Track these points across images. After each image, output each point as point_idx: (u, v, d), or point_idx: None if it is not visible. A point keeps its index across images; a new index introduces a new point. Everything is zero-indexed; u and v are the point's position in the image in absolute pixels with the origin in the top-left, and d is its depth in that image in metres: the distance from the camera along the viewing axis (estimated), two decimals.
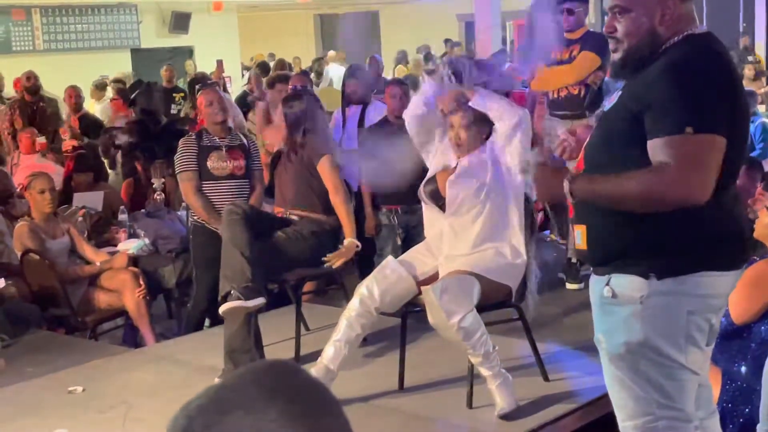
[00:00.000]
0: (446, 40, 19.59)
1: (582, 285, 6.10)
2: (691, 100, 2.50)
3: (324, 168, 5.23)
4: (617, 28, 2.68)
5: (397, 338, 4.61)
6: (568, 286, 6.14)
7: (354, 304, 4.31)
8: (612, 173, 2.58)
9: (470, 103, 4.19)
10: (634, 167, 2.57)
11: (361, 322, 4.28)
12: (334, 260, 5.11)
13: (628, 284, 2.63)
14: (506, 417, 4.03)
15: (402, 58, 18.56)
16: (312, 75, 16.38)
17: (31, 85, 10.25)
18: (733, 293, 3.60)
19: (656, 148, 2.50)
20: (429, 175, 4.46)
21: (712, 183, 2.49)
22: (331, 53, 19.60)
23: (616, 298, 2.64)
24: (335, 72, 17.66)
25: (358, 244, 5.18)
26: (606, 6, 2.80)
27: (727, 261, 2.67)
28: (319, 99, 5.70)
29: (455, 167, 4.37)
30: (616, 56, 2.74)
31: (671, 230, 2.57)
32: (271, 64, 16.11)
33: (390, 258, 4.44)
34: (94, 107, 12.92)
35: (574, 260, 6.22)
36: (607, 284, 2.67)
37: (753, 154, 8.73)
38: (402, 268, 4.32)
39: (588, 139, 2.81)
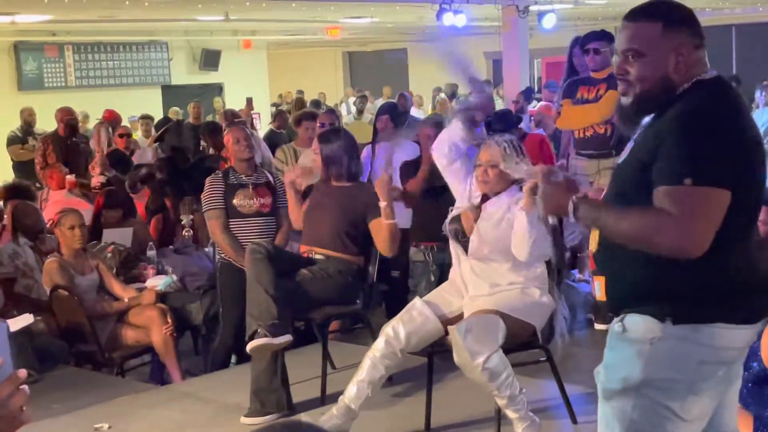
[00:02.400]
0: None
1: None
2: (692, 151, 2.45)
3: (381, 227, 5.00)
4: (629, 71, 2.63)
5: (423, 378, 4.59)
6: (597, 326, 6.09)
7: (379, 344, 4.28)
8: (617, 206, 2.56)
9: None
10: None
11: (386, 363, 4.26)
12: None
13: (641, 323, 2.56)
14: None
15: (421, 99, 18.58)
16: (354, 112, 16.57)
17: (72, 119, 10.38)
18: (765, 337, 3.54)
19: (657, 198, 2.47)
20: (454, 212, 4.44)
21: (709, 237, 2.43)
22: (347, 90, 19.77)
23: (626, 334, 2.57)
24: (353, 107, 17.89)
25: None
26: (618, 48, 2.68)
27: (747, 315, 2.58)
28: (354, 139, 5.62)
29: (479, 208, 4.34)
30: (625, 100, 2.68)
31: (694, 278, 2.51)
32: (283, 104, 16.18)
33: (417, 299, 4.41)
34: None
35: None
36: (621, 321, 2.61)
37: None
38: (428, 309, 4.29)
39: (604, 193, 2.78)
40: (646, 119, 2.69)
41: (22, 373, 1.67)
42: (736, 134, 2.51)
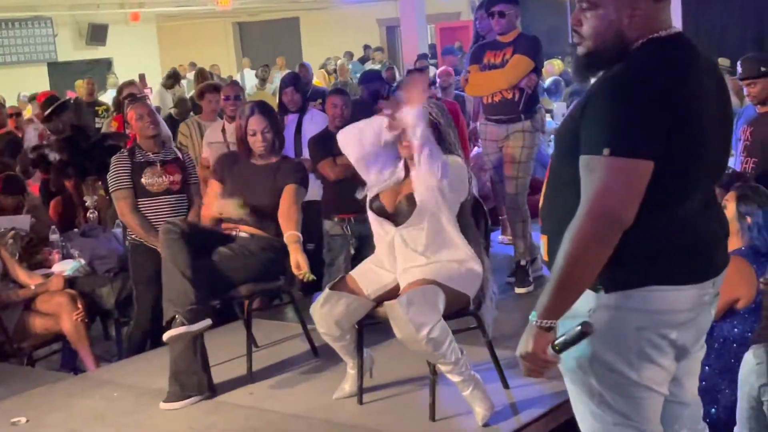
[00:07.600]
0: (365, 47, 19.54)
1: (531, 288, 6.07)
2: (614, 118, 2.33)
3: (290, 195, 4.94)
4: (582, 22, 2.50)
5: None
6: (517, 290, 6.10)
7: (330, 343, 4.36)
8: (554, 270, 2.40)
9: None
10: None
11: (341, 344, 4.35)
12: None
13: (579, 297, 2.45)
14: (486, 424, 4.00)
15: (323, 65, 18.49)
16: (257, 81, 16.43)
17: None
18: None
19: (580, 165, 2.39)
20: (374, 191, 4.31)
21: (629, 208, 2.33)
22: (244, 60, 19.56)
23: (570, 311, 2.45)
24: (248, 78, 17.70)
25: (299, 235, 4.80)
26: None
27: (683, 275, 2.47)
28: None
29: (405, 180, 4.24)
30: (579, 50, 2.56)
31: (621, 243, 2.36)
32: (190, 74, 15.94)
33: (326, 290, 4.31)
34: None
35: (523, 263, 6.18)
36: None
37: None
38: (338, 292, 4.23)
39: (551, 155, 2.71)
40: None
41: None
42: (669, 100, 2.36)
